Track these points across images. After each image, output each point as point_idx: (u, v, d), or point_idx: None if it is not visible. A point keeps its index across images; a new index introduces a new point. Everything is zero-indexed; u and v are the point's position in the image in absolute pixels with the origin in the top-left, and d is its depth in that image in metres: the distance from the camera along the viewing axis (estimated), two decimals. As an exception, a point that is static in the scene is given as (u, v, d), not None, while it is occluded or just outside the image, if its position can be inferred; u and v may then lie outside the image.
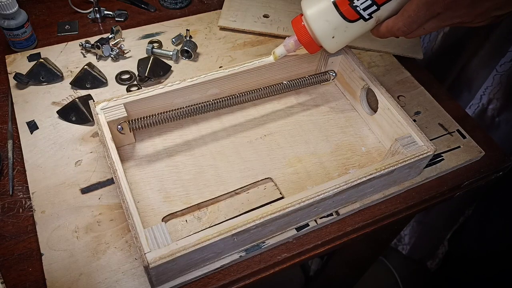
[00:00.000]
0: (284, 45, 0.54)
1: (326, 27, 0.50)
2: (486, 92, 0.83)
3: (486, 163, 0.59)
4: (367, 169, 0.48)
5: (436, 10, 0.44)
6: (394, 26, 0.48)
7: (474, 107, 0.87)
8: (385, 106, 0.55)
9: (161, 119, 0.53)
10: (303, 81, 0.60)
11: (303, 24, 0.52)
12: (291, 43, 0.54)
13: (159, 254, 0.40)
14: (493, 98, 0.83)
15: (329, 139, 0.58)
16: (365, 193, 0.51)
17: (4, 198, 0.51)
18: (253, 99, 0.57)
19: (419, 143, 0.51)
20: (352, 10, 0.48)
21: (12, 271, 0.45)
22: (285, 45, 0.54)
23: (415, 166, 0.52)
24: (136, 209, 0.42)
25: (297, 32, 0.53)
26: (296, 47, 0.54)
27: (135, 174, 0.52)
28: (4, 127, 0.57)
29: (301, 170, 0.55)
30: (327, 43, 0.52)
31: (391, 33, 0.49)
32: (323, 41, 0.52)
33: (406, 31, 0.48)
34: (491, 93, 0.83)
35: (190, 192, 0.51)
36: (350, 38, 0.52)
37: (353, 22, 0.49)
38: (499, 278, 0.98)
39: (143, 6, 0.77)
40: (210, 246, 0.42)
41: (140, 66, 0.64)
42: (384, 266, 1.35)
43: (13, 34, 0.64)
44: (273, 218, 0.43)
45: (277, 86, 0.58)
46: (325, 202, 0.47)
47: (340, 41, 0.52)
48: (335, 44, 0.52)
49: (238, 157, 0.55)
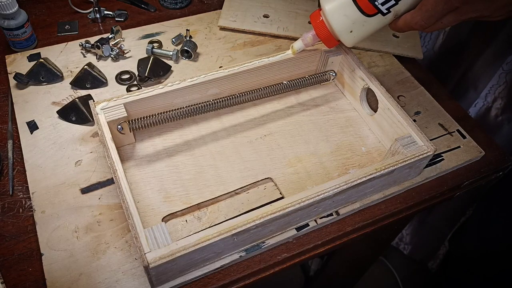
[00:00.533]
0: (302, 39, 0.55)
1: (345, 21, 0.50)
2: (491, 90, 0.83)
3: (486, 163, 0.59)
4: (367, 169, 0.48)
5: (454, 4, 0.44)
6: (412, 20, 0.48)
7: (479, 105, 0.86)
8: (385, 106, 0.55)
9: (161, 119, 0.53)
10: (303, 81, 0.60)
11: (321, 19, 0.52)
12: (309, 38, 0.54)
13: (159, 254, 0.40)
14: (498, 97, 0.83)
15: (329, 139, 0.58)
16: (365, 193, 0.51)
17: (4, 198, 0.51)
18: (253, 99, 0.57)
19: (419, 143, 0.51)
20: (370, 4, 0.49)
21: (12, 271, 0.45)
22: (303, 39, 0.55)
23: (415, 166, 0.52)
24: (136, 209, 0.42)
25: (315, 27, 0.53)
26: (314, 42, 0.55)
27: (135, 174, 0.52)
28: (4, 127, 0.57)
29: (301, 170, 0.55)
30: (345, 37, 0.52)
31: (408, 27, 0.49)
32: (341, 36, 0.52)
33: (423, 25, 0.48)
34: (496, 91, 0.82)
35: (190, 192, 0.51)
36: (368, 33, 0.52)
37: (371, 17, 0.50)
38: (499, 278, 0.98)
39: (143, 6, 0.77)
40: (210, 246, 0.42)
41: (140, 66, 0.64)
42: (384, 266, 1.35)
43: (13, 34, 0.64)
44: (273, 218, 0.43)
45: (277, 86, 0.58)
46: (325, 202, 0.47)
47: (358, 35, 0.52)
48: (353, 39, 0.52)
49: (238, 157, 0.55)
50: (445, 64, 0.92)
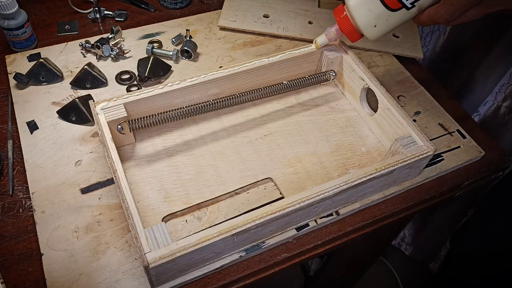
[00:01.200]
0: (325, 34, 0.56)
1: (369, 16, 0.50)
2: (502, 89, 0.82)
3: (486, 163, 0.59)
4: (367, 169, 0.48)
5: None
6: (436, 14, 0.48)
7: (489, 104, 0.86)
8: (385, 106, 0.55)
9: (161, 119, 0.53)
10: (303, 81, 0.60)
11: (345, 14, 0.52)
12: (333, 32, 0.55)
13: (159, 254, 0.40)
14: (508, 96, 0.82)
15: (329, 139, 0.58)
16: (365, 193, 0.51)
17: (4, 198, 0.51)
18: (253, 99, 0.57)
19: (419, 143, 0.51)
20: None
21: (12, 271, 0.45)
22: (327, 34, 0.56)
23: (415, 166, 0.52)
24: (136, 209, 0.42)
25: (339, 21, 0.53)
26: (337, 36, 0.55)
27: (135, 174, 0.52)
28: (4, 127, 0.57)
29: (301, 170, 0.55)
30: (368, 32, 0.52)
31: (432, 21, 0.49)
32: (364, 30, 0.52)
33: (448, 19, 0.47)
34: (506, 90, 0.82)
35: (190, 192, 0.51)
36: (392, 27, 0.52)
37: (396, 11, 0.49)
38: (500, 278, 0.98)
39: (143, 6, 0.77)
40: (210, 246, 0.42)
41: (140, 66, 0.64)
42: (384, 266, 1.35)
43: (13, 34, 0.64)
44: (273, 218, 0.43)
45: (277, 86, 0.58)
46: (325, 202, 0.47)
47: (381, 29, 0.52)
48: (377, 33, 0.52)
49: (238, 157, 0.55)
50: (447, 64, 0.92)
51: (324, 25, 0.74)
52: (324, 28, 0.58)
